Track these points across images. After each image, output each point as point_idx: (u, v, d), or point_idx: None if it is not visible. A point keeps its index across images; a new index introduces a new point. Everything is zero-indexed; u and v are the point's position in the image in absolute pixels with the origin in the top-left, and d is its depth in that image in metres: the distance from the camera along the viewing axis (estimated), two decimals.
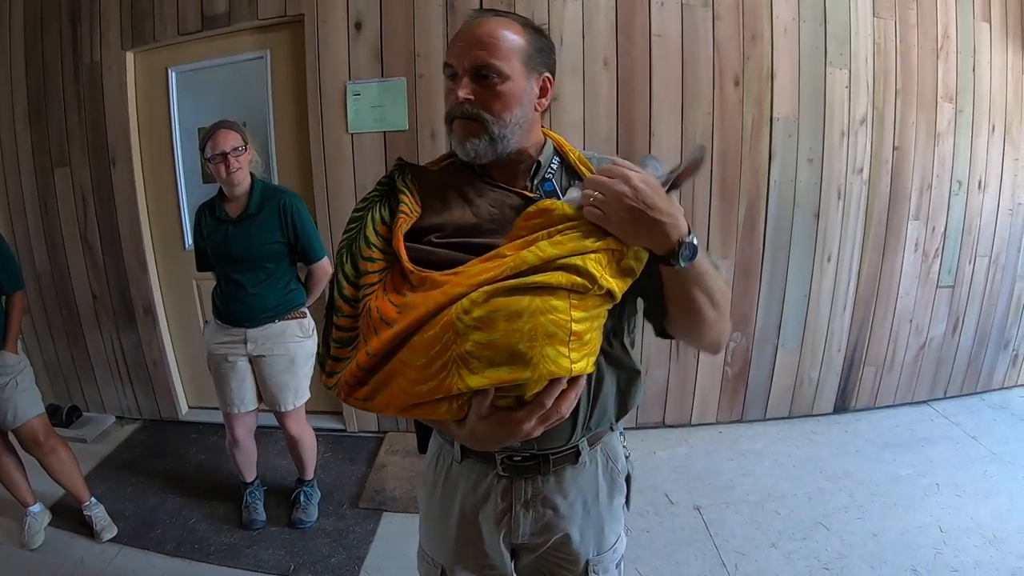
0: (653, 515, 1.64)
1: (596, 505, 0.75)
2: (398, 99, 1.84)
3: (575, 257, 0.52)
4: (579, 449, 0.71)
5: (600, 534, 0.76)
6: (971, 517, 1.60)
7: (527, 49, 0.64)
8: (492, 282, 0.51)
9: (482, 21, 0.64)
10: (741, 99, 1.87)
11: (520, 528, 0.73)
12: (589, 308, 0.53)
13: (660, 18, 1.81)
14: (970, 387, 2.32)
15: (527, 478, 0.71)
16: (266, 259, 1.45)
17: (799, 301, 2.05)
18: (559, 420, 0.57)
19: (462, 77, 0.62)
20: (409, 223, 0.62)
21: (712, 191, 1.92)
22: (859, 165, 1.98)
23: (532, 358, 0.50)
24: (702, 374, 2.08)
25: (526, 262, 0.51)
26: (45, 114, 2.10)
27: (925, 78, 1.99)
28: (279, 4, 1.86)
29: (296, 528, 1.62)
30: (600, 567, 0.77)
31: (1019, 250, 2.25)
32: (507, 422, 0.55)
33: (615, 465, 0.76)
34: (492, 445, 0.59)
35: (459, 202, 0.64)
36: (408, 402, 0.55)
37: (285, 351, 1.51)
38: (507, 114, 0.63)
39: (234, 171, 1.39)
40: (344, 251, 0.65)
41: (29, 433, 1.50)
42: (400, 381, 0.54)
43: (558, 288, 0.51)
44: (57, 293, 2.23)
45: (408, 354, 0.53)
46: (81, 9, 2.02)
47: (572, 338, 0.52)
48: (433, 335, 0.52)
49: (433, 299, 0.53)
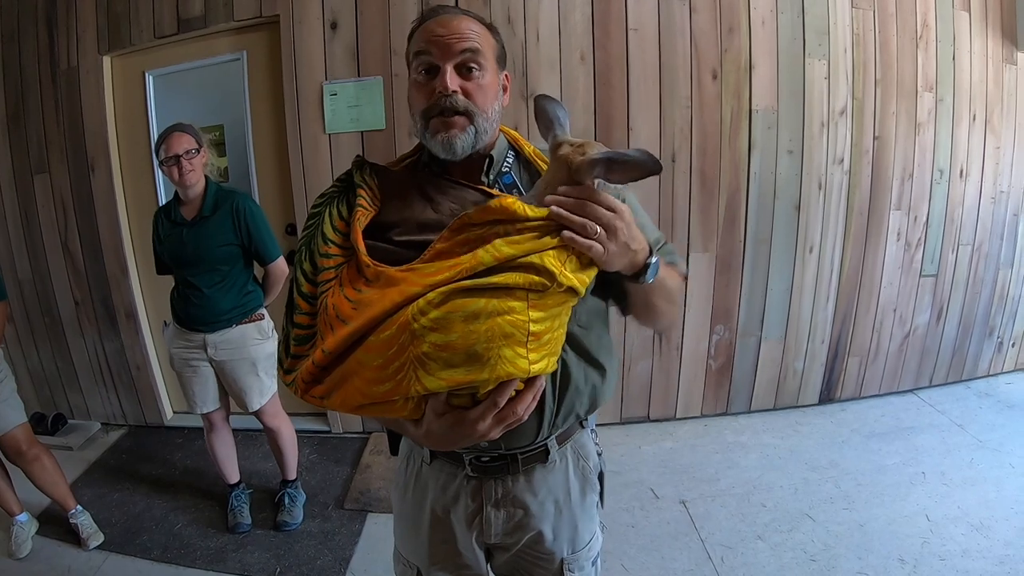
0: (639, 510, 1.64)
1: (568, 504, 0.74)
2: (375, 98, 1.84)
3: (533, 255, 0.51)
4: (548, 448, 0.70)
5: (574, 533, 0.76)
6: (958, 505, 1.61)
7: (496, 47, 0.65)
8: (448, 282, 0.51)
9: (459, 16, 0.64)
10: (719, 92, 1.87)
11: (492, 528, 0.73)
12: (548, 307, 0.52)
13: (637, 11, 1.81)
14: (956, 375, 2.33)
15: (496, 478, 0.70)
16: (220, 261, 1.47)
17: (782, 293, 2.06)
18: (517, 421, 0.56)
19: (446, 69, 0.61)
20: (368, 217, 0.61)
21: (692, 184, 1.92)
22: (840, 156, 1.99)
23: (489, 359, 0.50)
24: (686, 368, 2.08)
25: (482, 263, 0.50)
26: (23, 121, 2.09)
27: (905, 68, 2.00)
28: (254, 5, 1.85)
29: (281, 531, 1.62)
30: (575, 565, 0.76)
31: (1002, 238, 2.26)
32: (462, 421, 0.55)
33: (587, 463, 0.75)
34: (449, 445, 0.58)
35: (420, 200, 0.64)
36: (364, 402, 0.54)
37: (246, 355, 1.53)
38: (489, 107, 0.63)
39: (187, 173, 1.41)
40: (303, 248, 0.64)
41: (12, 443, 1.50)
42: (356, 381, 0.54)
43: (515, 288, 0.50)
44: (39, 300, 2.23)
45: (364, 354, 0.53)
46: (57, 14, 2.01)
47: (530, 338, 0.51)
48: (389, 336, 0.51)
49: (389, 298, 0.52)
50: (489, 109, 0.63)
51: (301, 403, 2.20)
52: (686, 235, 1.96)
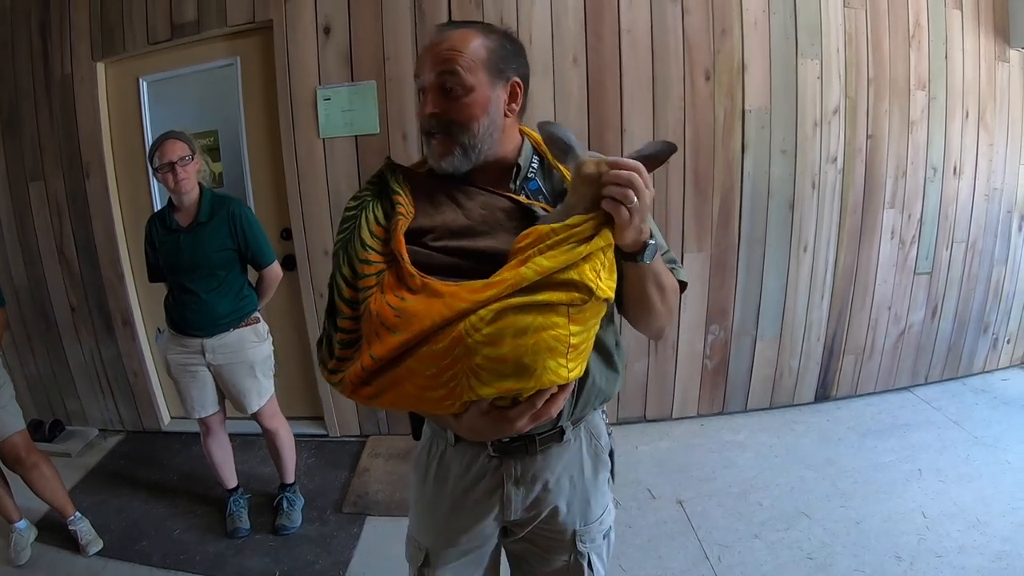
0: (636, 509, 1.66)
1: (582, 479, 0.78)
2: (368, 103, 1.85)
3: (571, 271, 0.54)
4: (563, 429, 0.75)
5: (586, 507, 0.79)
6: (954, 502, 1.62)
7: (490, 58, 0.65)
8: (496, 299, 0.54)
9: (444, 35, 0.66)
10: (712, 93, 1.89)
11: (513, 505, 0.76)
12: (587, 320, 0.57)
13: (629, 14, 1.82)
14: (951, 372, 2.35)
15: (516, 458, 0.74)
16: (218, 266, 1.49)
17: (776, 292, 2.07)
18: (548, 419, 0.62)
19: (428, 93, 0.65)
20: (407, 224, 0.64)
21: (686, 184, 1.93)
22: (833, 155, 2.01)
23: (536, 370, 0.55)
24: (681, 368, 2.10)
25: (525, 278, 0.54)
26: (18, 128, 2.10)
27: (897, 66, 2.01)
28: (248, 11, 1.86)
29: (280, 535, 1.63)
30: (587, 536, 0.80)
31: (996, 235, 2.28)
32: (503, 419, 0.60)
33: (599, 442, 0.80)
34: (487, 437, 0.67)
35: (450, 205, 0.66)
36: (416, 404, 0.62)
37: (244, 358, 1.55)
38: (474, 124, 0.65)
39: (181, 180, 1.43)
40: (340, 253, 0.67)
41: (10, 450, 1.51)
42: (408, 386, 0.59)
43: (559, 305, 0.55)
44: (35, 306, 2.24)
45: (416, 363, 0.58)
46: (51, 21, 2.02)
47: (570, 350, 0.56)
48: (443, 348, 0.56)
49: (438, 312, 0.56)
50: (474, 126, 0.65)
51: (297, 407, 2.20)
52: (680, 235, 1.97)
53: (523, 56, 0.71)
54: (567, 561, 0.80)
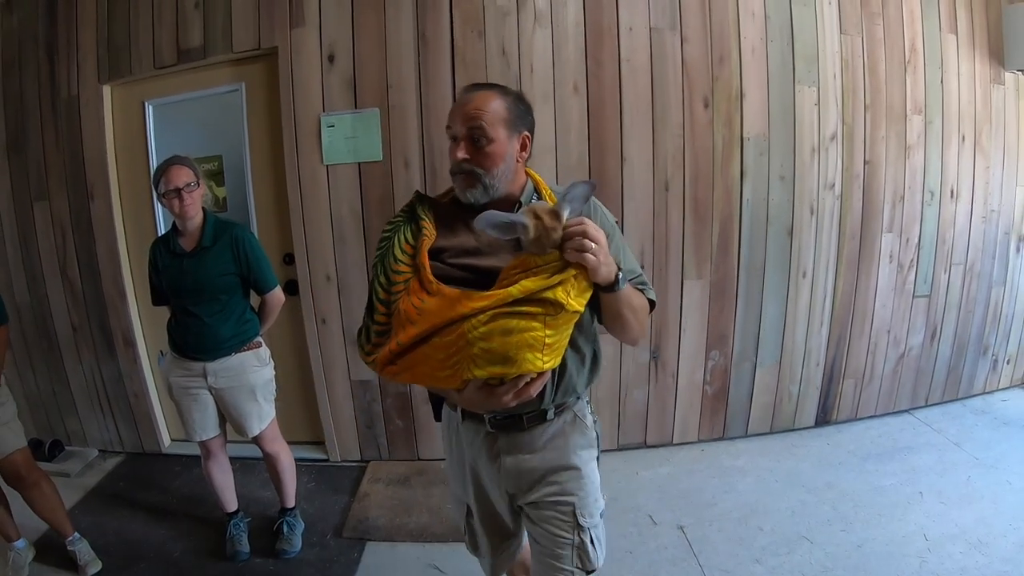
0: (636, 535, 1.67)
1: (568, 452, 0.93)
2: (372, 130, 1.89)
3: (548, 291, 0.73)
4: (546, 411, 0.92)
5: (579, 481, 0.94)
6: (955, 524, 1.63)
7: (508, 116, 0.84)
8: (490, 308, 0.74)
9: (471, 96, 0.84)
10: (711, 120, 1.93)
11: (508, 475, 0.94)
12: (559, 325, 0.76)
13: (629, 43, 1.87)
14: (951, 394, 2.38)
15: (508, 433, 0.93)
16: (221, 290, 1.52)
17: (776, 318, 2.10)
18: (528, 398, 0.81)
19: (460, 141, 0.83)
20: (430, 243, 0.84)
21: (685, 211, 1.97)
22: (831, 181, 2.05)
23: (518, 361, 0.75)
24: (682, 394, 2.12)
25: (511, 295, 0.73)
26: (24, 147, 2.15)
27: (893, 92, 2.06)
28: (253, 37, 1.91)
29: (280, 558, 1.65)
30: (587, 511, 0.94)
31: (994, 257, 2.32)
32: (493, 394, 0.79)
33: (583, 422, 0.96)
34: (480, 408, 0.87)
35: (464, 230, 0.85)
36: (428, 381, 0.82)
37: (246, 382, 1.58)
38: (495, 169, 0.84)
39: (187, 206, 1.47)
40: (378, 264, 0.86)
41: (11, 467, 1.53)
42: (423, 367, 0.79)
43: (537, 314, 0.74)
44: (37, 325, 2.27)
45: (430, 350, 0.77)
46: (58, 43, 2.07)
47: (545, 348, 0.76)
48: (450, 340, 0.75)
49: (447, 313, 0.75)
50: (495, 170, 0.84)
51: (298, 431, 2.22)
52: (680, 262, 2.00)
53: (531, 114, 0.89)
54: (571, 539, 0.93)
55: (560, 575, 0.94)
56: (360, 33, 1.86)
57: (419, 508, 1.83)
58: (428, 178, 1.91)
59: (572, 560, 0.93)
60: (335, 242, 1.97)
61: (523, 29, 1.84)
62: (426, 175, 1.91)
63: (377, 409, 2.10)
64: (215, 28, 1.93)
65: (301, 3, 1.86)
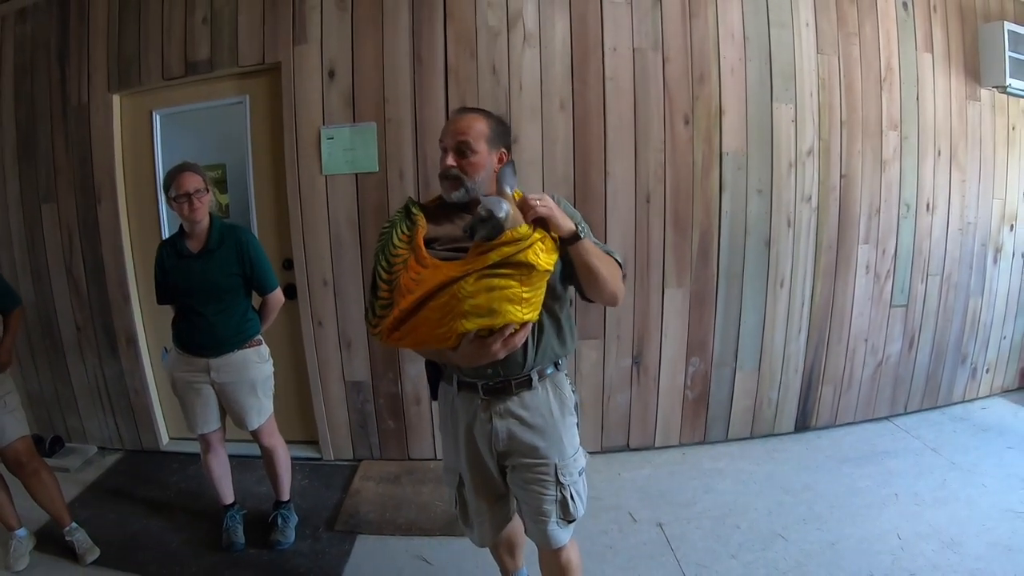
0: (616, 532, 1.76)
1: (551, 418, 1.11)
2: (369, 143, 2.03)
3: (519, 255, 0.91)
4: (531, 377, 1.10)
5: (560, 444, 1.12)
6: (929, 523, 1.71)
7: (489, 134, 1.06)
8: (475, 271, 0.92)
9: (461, 117, 1.07)
10: (691, 136, 2.07)
11: (499, 435, 1.10)
12: (533, 283, 0.95)
13: (613, 62, 2.02)
14: (930, 402, 2.49)
15: (498, 398, 1.10)
16: (225, 290, 1.65)
17: (755, 325, 2.22)
18: (514, 348, 1.00)
19: (449, 152, 1.05)
20: (424, 232, 1.04)
21: (666, 223, 2.10)
22: (808, 194, 2.18)
23: (500, 312, 0.93)
24: (663, 398, 2.23)
25: (490, 259, 0.92)
26: (33, 150, 2.28)
27: (869, 108, 2.20)
28: (258, 52, 2.07)
29: (274, 550, 1.75)
30: (565, 471, 1.12)
31: (971, 268, 2.44)
32: (484, 345, 0.98)
33: (562, 391, 1.14)
34: (474, 361, 1.01)
35: (450, 224, 1.07)
36: (428, 339, 0.99)
37: (247, 377, 1.69)
38: (476, 176, 1.05)
39: (196, 210, 1.61)
40: (379, 252, 1.05)
41: (13, 454, 1.62)
42: (423, 329, 0.97)
43: (513, 275, 0.92)
44: (41, 324, 2.39)
45: (427, 312, 0.96)
46: (70, 53, 2.22)
47: (523, 301, 0.94)
48: (444, 301, 0.94)
49: (438, 277, 0.94)
50: (475, 176, 1.05)
51: (293, 430, 2.34)
52: (661, 271, 2.13)
53: (509, 134, 1.14)
54: (554, 495, 1.11)
55: (546, 526, 1.13)
56: (359, 51, 2.01)
57: (408, 504, 1.95)
58: (421, 189, 2.04)
59: (555, 513, 1.12)
60: (332, 248, 2.11)
61: (513, 49, 2.00)
62: (419, 186, 2.05)
63: (370, 409, 2.23)
64: (222, 43, 2.08)
65: (304, 21, 2.02)
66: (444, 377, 1.17)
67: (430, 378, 1.20)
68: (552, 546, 1.15)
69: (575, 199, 2.04)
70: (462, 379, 1.11)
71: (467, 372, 1.10)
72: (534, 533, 1.16)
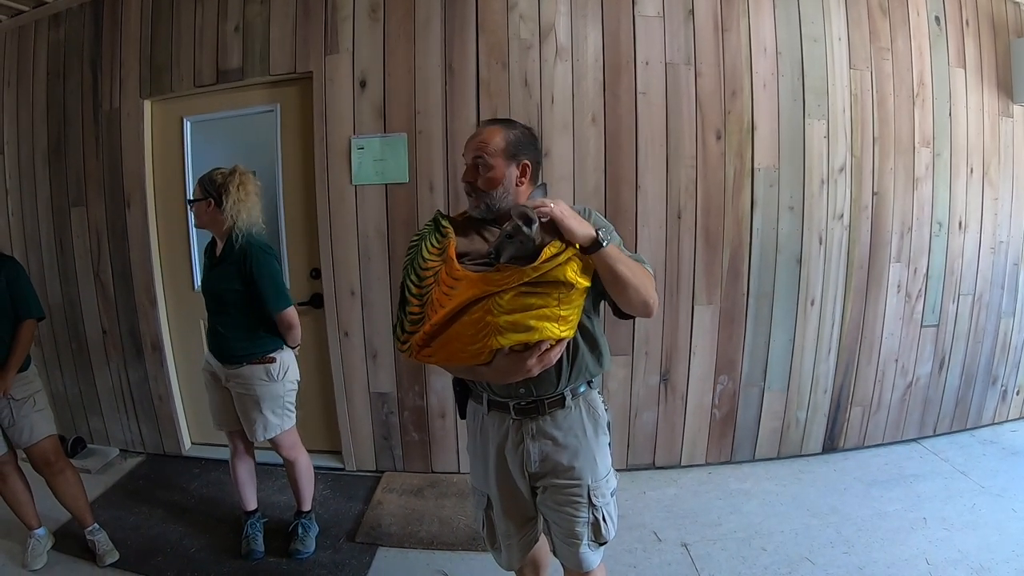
0: (641, 551, 1.74)
1: (584, 438, 1.08)
2: (399, 153, 2.03)
3: (556, 272, 0.89)
4: (564, 396, 1.06)
5: (594, 464, 1.08)
6: (958, 549, 1.68)
7: (507, 147, 1.03)
8: (512, 287, 0.89)
9: (481, 131, 1.06)
10: (723, 152, 2.05)
11: (531, 456, 1.08)
12: (572, 301, 0.93)
13: (645, 76, 2.01)
14: (960, 424, 2.44)
15: (531, 418, 1.07)
16: (228, 303, 1.62)
17: (784, 345, 2.18)
18: (549, 364, 0.97)
19: (468, 166, 1.05)
20: (455, 244, 1.02)
21: (697, 240, 2.08)
22: (839, 211, 2.15)
23: (537, 330, 0.91)
24: (691, 416, 2.20)
25: (527, 274, 0.89)
26: (64, 155, 2.31)
27: (902, 125, 2.17)
28: (289, 61, 2.07)
29: (293, 559, 1.74)
30: (598, 491, 1.09)
31: (1003, 288, 2.40)
32: (520, 359, 0.95)
33: (596, 410, 1.10)
34: (508, 377, 0.98)
35: (478, 238, 1.05)
36: (461, 356, 0.95)
37: (252, 392, 1.65)
38: (492, 190, 1.03)
39: (196, 217, 1.64)
40: (408, 266, 1.03)
41: (41, 453, 1.63)
42: (455, 345, 0.94)
43: (551, 294, 0.91)
44: (68, 326, 2.41)
45: (460, 328, 0.93)
46: (102, 59, 2.25)
47: (560, 320, 0.92)
48: (477, 316, 0.91)
49: (471, 292, 0.91)
50: (492, 191, 1.03)
51: (317, 440, 2.33)
52: (691, 288, 2.10)
53: (534, 145, 1.08)
54: (586, 517, 1.08)
55: (578, 549, 1.10)
56: (391, 61, 2.01)
57: (431, 518, 1.93)
58: (451, 201, 2.04)
59: (587, 535, 1.09)
60: (360, 259, 2.10)
61: (545, 62, 1.99)
62: (449, 198, 2.04)
63: (394, 421, 2.22)
64: (254, 51, 2.09)
65: (336, 31, 2.03)
66: (473, 396, 1.13)
67: (458, 398, 1.17)
68: (583, 569, 1.12)
69: (606, 213, 2.01)
70: (492, 398, 1.08)
71: (498, 391, 1.06)
72: (565, 556, 1.13)
